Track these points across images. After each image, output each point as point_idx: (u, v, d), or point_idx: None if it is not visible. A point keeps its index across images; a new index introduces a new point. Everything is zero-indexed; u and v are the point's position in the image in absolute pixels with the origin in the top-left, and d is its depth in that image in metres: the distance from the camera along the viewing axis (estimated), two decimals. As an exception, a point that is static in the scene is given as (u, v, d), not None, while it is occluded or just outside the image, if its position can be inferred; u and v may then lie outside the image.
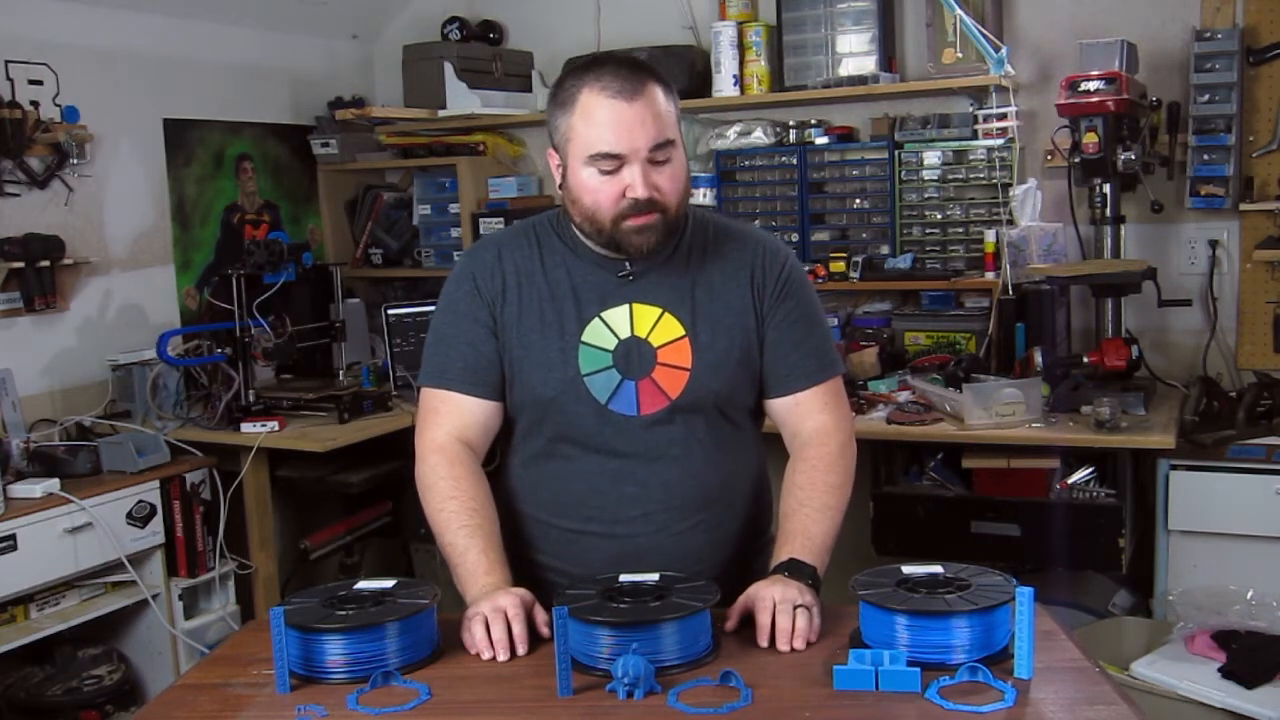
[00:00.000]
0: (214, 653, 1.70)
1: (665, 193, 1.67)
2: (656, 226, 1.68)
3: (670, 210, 1.68)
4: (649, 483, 1.74)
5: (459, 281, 1.82)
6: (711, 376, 1.74)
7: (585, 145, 1.65)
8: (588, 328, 1.74)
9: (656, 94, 1.66)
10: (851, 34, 3.56)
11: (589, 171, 1.66)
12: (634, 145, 1.63)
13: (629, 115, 1.62)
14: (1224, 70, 3.11)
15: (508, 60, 4.08)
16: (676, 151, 1.69)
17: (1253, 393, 2.97)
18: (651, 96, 1.65)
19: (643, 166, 1.64)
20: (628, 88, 1.63)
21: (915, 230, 3.58)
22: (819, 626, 1.56)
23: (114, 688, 3.06)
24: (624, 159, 1.64)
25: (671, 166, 1.68)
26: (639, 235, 1.67)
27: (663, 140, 1.65)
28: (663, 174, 1.66)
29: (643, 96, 1.64)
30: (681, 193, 1.71)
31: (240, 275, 3.32)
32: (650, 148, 1.64)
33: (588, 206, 1.68)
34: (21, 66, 3.17)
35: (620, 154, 1.63)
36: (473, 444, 1.79)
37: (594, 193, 1.66)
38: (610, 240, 1.69)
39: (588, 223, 1.70)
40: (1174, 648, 2.64)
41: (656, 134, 1.64)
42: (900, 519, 3.02)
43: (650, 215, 1.66)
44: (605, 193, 1.65)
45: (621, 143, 1.63)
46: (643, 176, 1.64)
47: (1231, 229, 3.26)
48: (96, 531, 2.89)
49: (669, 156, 1.67)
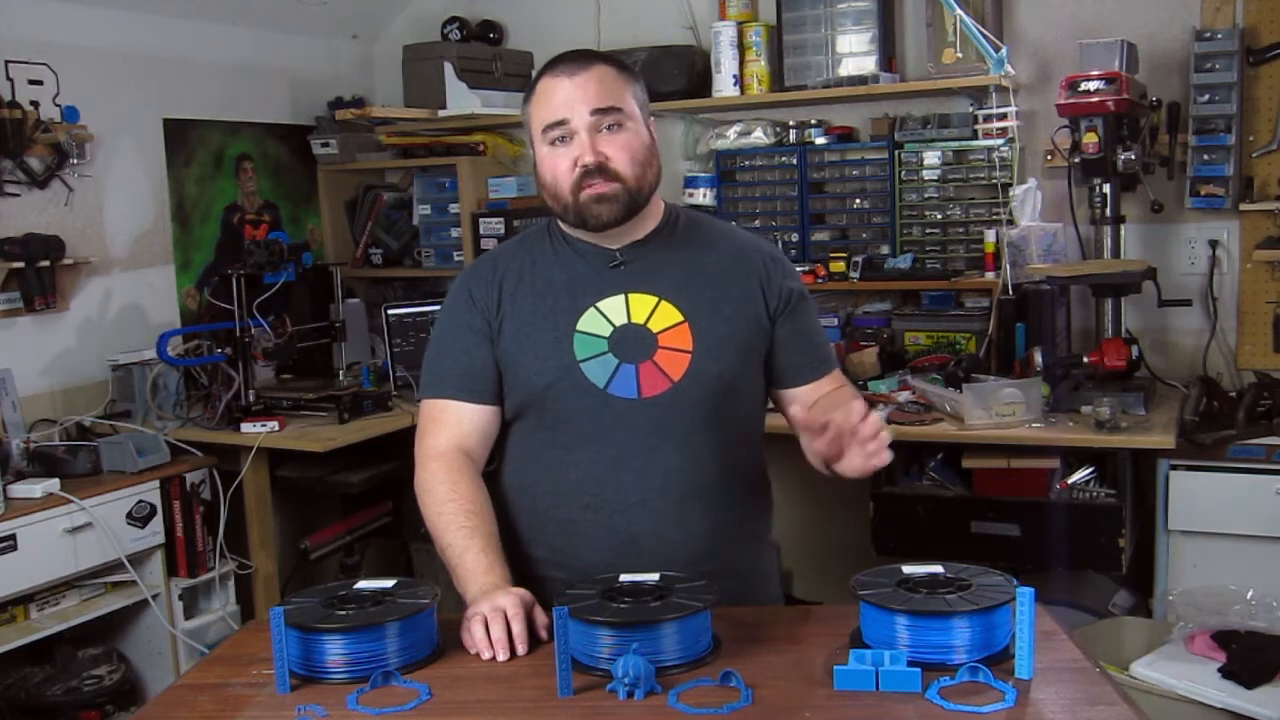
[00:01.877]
0: (214, 653, 1.70)
1: (615, 160, 1.71)
2: (617, 196, 1.71)
3: (628, 180, 1.72)
4: (647, 470, 1.74)
5: (455, 295, 1.86)
6: (713, 359, 1.76)
7: (539, 120, 1.73)
8: (583, 317, 1.76)
9: (603, 70, 1.73)
10: (851, 34, 3.56)
11: (546, 149, 1.73)
12: (574, 109, 1.70)
13: (570, 86, 1.71)
14: (1224, 70, 3.11)
15: (508, 60, 4.08)
16: (630, 123, 1.73)
17: (1253, 393, 2.97)
18: (597, 72, 1.72)
19: (589, 133, 1.70)
20: (573, 67, 1.72)
21: (915, 230, 3.58)
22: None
23: (114, 688, 3.06)
24: (568, 124, 1.70)
25: (623, 136, 1.72)
26: (598, 204, 1.71)
27: (605, 105, 1.70)
28: (612, 142, 1.71)
29: (587, 71, 1.72)
30: (638, 164, 1.73)
31: (240, 275, 3.32)
32: (592, 111, 1.70)
33: (549, 183, 1.74)
34: (21, 66, 3.17)
35: (563, 119, 1.70)
36: (471, 451, 1.80)
37: (551, 167, 1.73)
38: (577, 216, 1.74)
39: (555, 202, 1.75)
40: (1174, 648, 2.64)
41: (598, 100, 1.70)
42: (900, 519, 3.02)
43: (605, 184, 1.70)
44: (560, 165, 1.72)
45: (564, 108, 1.70)
46: (589, 142, 1.70)
47: (1231, 229, 3.26)
48: (96, 531, 2.89)
49: (617, 123, 1.72)
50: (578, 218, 1.74)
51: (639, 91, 1.77)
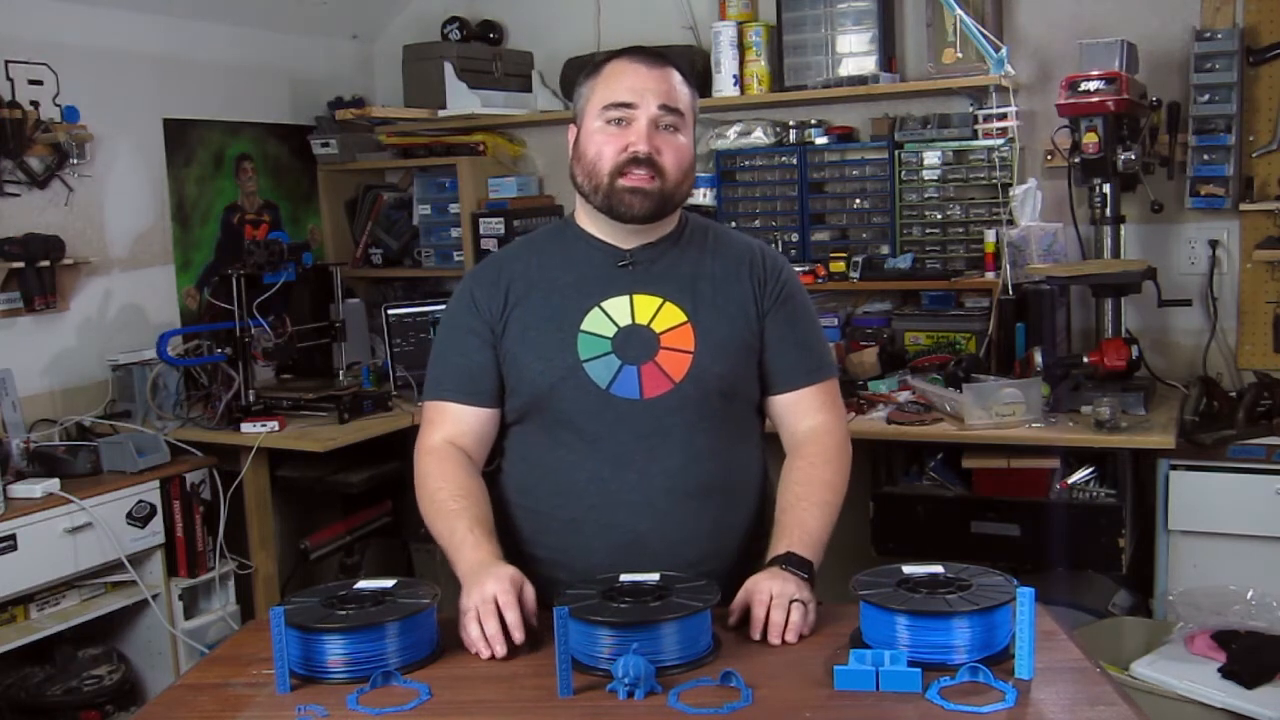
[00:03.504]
0: (214, 653, 1.71)
1: (665, 159, 1.73)
2: (652, 192, 1.73)
3: (668, 180, 1.74)
4: (650, 470, 1.74)
5: (459, 297, 1.88)
6: (715, 359, 1.76)
7: (602, 99, 1.75)
8: (587, 316, 1.77)
9: (675, 74, 1.78)
10: (851, 34, 3.56)
11: (599, 124, 1.75)
12: (644, 98, 1.72)
13: (646, 75, 1.74)
14: (1224, 70, 3.11)
15: (508, 60, 4.08)
16: (685, 129, 1.77)
17: (1253, 393, 2.97)
18: (671, 73, 1.77)
19: (649, 124, 1.72)
20: (651, 60, 1.77)
21: (915, 230, 3.58)
22: (813, 621, 1.58)
23: (114, 688, 3.06)
24: (634, 108, 1.72)
25: (676, 140, 1.75)
26: (632, 195, 1.73)
27: (673, 105, 1.73)
28: (668, 141, 1.74)
29: (663, 69, 1.76)
30: (682, 171, 1.76)
31: (240, 275, 3.32)
32: (659, 105, 1.72)
33: (591, 159, 1.75)
34: (21, 66, 3.17)
35: (631, 102, 1.72)
36: (467, 449, 1.82)
37: (600, 144, 1.74)
38: (606, 200, 1.74)
39: (589, 179, 1.76)
40: (1174, 648, 2.64)
41: (668, 96, 1.74)
42: (900, 519, 3.02)
43: (647, 177, 1.72)
44: (611, 144, 1.73)
45: (634, 94, 1.73)
46: (648, 131, 1.72)
47: (1231, 229, 3.26)
48: (96, 531, 2.89)
49: (676, 125, 1.75)
50: (607, 202, 1.75)
51: (695, 105, 1.81)
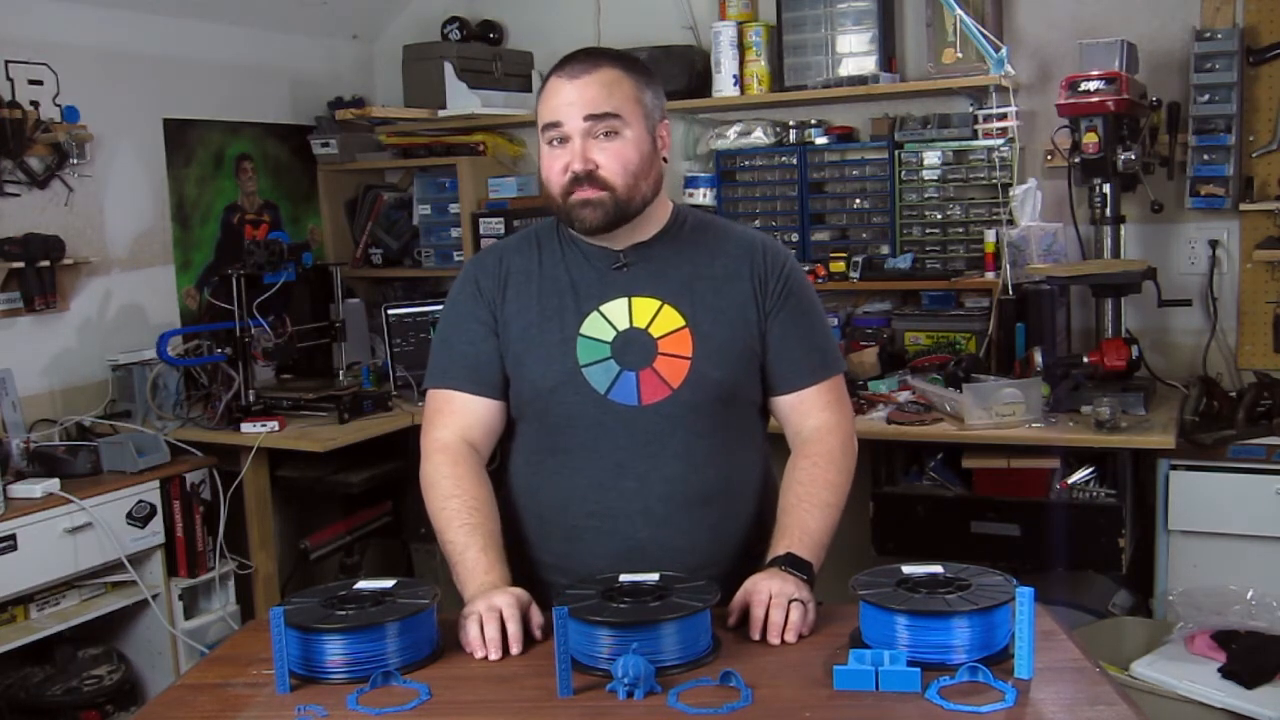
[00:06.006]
0: (214, 653, 1.70)
1: (606, 168, 1.69)
2: (603, 203, 1.70)
3: (617, 189, 1.70)
4: (650, 477, 1.73)
5: (462, 285, 1.85)
6: (713, 365, 1.74)
7: (541, 121, 1.73)
8: (586, 321, 1.75)
9: (609, 73, 1.71)
10: (851, 34, 3.56)
11: (545, 147, 1.74)
12: (569, 114, 1.69)
13: (569, 89, 1.70)
14: (1224, 70, 3.11)
15: (508, 60, 4.08)
16: (628, 131, 1.70)
17: (1253, 393, 2.97)
18: (602, 75, 1.70)
19: (581, 139, 1.69)
20: (577, 68, 1.71)
21: (915, 230, 3.58)
22: (813, 621, 1.58)
23: (114, 688, 3.06)
24: (562, 128, 1.69)
25: (616, 144, 1.70)
26: (582, 209, 1.71)
27: (601, 112, 1.68)
28: (605, 150, 1.70)
29: (590, 74, 1.70)
30: (630, 172, 1.71)
31: (240, 275, 3.32)
32: (585, 117, 1.68)
33: (545, 182, 1.75)
34: (21, 66, 3.17)
35: (558, 121, 1.70)
36: (476, 444, 1.80)
37: (547, 166, 1.73)
38: (566, 217, 1.74)
39: (550, 201, 1.76)
40: (1174, 648, 2.64)
41: (594, 105, 1.68)
42: (900, 519, 3.02)
43: (593, 190, 1.69)
44: (554, 166, 1.72)
45: (559, 112, 1.69)
46: (581, 149, 1.69)
47: (1231, 229, 3.26)
48: (96, 531, 2.89)
49: (613, 130, 1.69)
50: (567, 220, 1.74)
51: (650, 95, 1.75)
